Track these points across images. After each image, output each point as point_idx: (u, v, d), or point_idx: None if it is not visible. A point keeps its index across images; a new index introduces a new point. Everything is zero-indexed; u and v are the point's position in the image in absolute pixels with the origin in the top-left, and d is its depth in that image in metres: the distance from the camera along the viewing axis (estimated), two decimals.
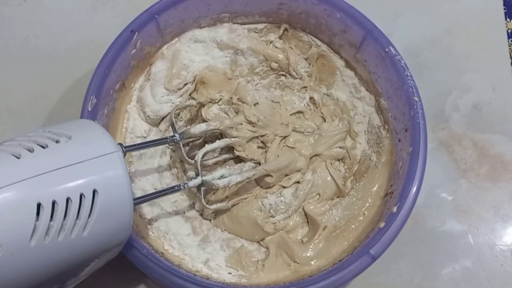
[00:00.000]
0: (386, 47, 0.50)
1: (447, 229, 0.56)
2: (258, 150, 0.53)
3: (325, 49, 0.56)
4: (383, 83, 0.52)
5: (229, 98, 0.53)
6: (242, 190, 0.52)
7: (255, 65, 0.56)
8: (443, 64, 0.64)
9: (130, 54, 0.50)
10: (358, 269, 0.43)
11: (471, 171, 0.59)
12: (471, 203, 0.58)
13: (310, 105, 0.57)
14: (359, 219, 0.51)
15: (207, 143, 0.51)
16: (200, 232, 0.51)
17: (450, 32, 0.66)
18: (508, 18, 0.69)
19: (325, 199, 0.53)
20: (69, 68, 0.59)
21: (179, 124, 0.55)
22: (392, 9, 0.67)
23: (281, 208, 0.52)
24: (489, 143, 0.60)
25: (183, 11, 0.52)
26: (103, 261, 0.37)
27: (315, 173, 0.53)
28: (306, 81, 0.57)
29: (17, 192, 0.31)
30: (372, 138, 0.55)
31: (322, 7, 0.52)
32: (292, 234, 0.52)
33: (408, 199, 0.45)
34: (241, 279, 0.48)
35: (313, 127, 0.55)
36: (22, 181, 0.31)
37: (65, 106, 0.58)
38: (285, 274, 0.49)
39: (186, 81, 0.55)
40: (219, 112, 0.53)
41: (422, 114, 0.48)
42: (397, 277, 0.54)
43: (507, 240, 0.56)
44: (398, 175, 0.49)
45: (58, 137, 0.35)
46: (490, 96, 0.63)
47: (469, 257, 0.55)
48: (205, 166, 0.52)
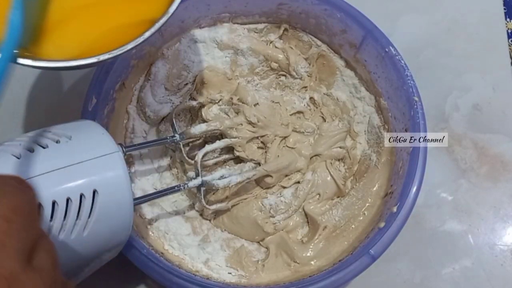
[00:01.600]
0: (386, 47, 0.50)
1: (447, 229, 0.56)
2: (258, 150, 0.53)
3: (325, 49, 0.56)
4: (383, 83, 0.52)
5: (229, 99, 0.53)
6: (242, 190, 0.52)
7: (255, 65, 0.56)
8: (443, 64, 0.64)
9: (130, 54, 0.50)
10: (358, 269, 0.43)
11: (471, 171, 0.59)
12: (471, 203, 0.58)
13: (310, 105, 0.57)
14: (359, 219, 0.51)
15: (207, 143, 0.51)
16: (200, 232, 0.51)
17: (450, 32, 0.66)
18: (508, 18, 0.69)
19: (325, 199, 0.53)
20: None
21: (179, 124, 0.55)
22: (392, 9, 0.67)
23: (281, 208, 0.52)
24: (489, 143, 0.60)
25: (183, 11, 0.52)
26: (103, 261, 0.37)
27: (315, 173, 0.53)
28: (306, 81, 0.57)
29: None
30: (372, 138, 0.55)
31: (322, 7, 0.52)
32: (292, 234, 0.52)
33: (408, 199, 0.45)
34: (241, 279, 0.48)
35: (313, 127, 0.55)
36: None
37: (65, 106, 0.58)
38: (285, 274, 0.49)
39: (186, 81, 0.55)
40: (219, 112, 0.53)
41: (422, 114, 0.48)
42: (397, 277, 0.54)
43: (507, 240, 0.56)
44: (398, 175, 0.49)
45: (58, 137, 0.35)
46: (490, 96, 0.63)
47: (469, 257, 0.55)
48: (205, 166, 0.52)
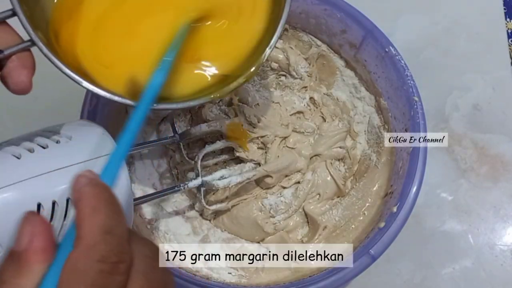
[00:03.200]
0: (386, 47, 0.50)
1: (447, 229, 0.56)
2: (258, 151, 0.53)
3: (325, 49, 0.56)
4: (383, 83, 0.52)
5: (230, 99, 0.53)
6: (242, 190, 0.52)
7: None
8: (443, 64, 0.64)
9: None
10: (358, 269, 0.43)
11: (471, 171, 0.59)
12: (471, 203, 0.58)
13: (310, 105, 0.57)
14: (359, 219, 0.51)
15: (207, 143, 0.51)
16: (200, 232, 0.51)
17: (450, 32, 0.66)
18: (508, 18, 0.69)
19: (325, 199, 0.53)
20: None
21: (179, 124, 0.55)
22: (392, 9, 0.67)
23: (281, 208, 0.52)
24: (489, 143, 0.60)
25: None
26: None
27: (315, 173, 0.53)
28: (306, 81, 0.57)
29: (17, 192, 0.31)
30: (372, 138, 0.55)
31: (322, 7, 0.52)
32: (292, 234, 0.52)
33: (408, 199, 0.45)
34: (241, 279, 0.48)
35: (313, 127, 0.55)
36: (22, 181, 0.31)
37: (65, 106, 0.58)
38: (285, 274, 0.49)
39: None
40: (219, 112, 0.53)
41: (422, 114, 0.48)
42: (397, 277, 0.54)
43: (507, 240, 0.56)
44: (398, 175, 0.49)
45: (59, 137, 0.35)
46: (490, 96, 0.63)
47: (469, 257, 0.55)
48: (205, 166, 0.52)
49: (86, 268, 0.22)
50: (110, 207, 0.24)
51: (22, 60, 0.31)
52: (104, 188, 0.25)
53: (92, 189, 0.25)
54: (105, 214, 0.24)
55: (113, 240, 0.23)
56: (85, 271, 0.22)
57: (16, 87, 0.31)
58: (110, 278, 0.22)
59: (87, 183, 0.25)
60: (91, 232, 0.23)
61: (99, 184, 0.26)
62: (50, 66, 0.32)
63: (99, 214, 0.24)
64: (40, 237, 0.23)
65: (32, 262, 0.23)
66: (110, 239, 0.23)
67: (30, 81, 0.31)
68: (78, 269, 0.22)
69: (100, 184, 0.26)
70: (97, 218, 0.23)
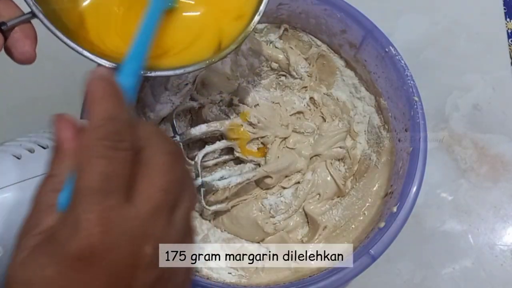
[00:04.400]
0: (386, 47, 0.50)
1: (447, 229, 0.56)
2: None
3: (325, 49, 0.56)
4: (383, 83, 0.52)
5: (230, 99, 0.53)
6: (242, 191, 0.52)
7: (256, 66, 0.56)
8: (443, 64, 0.64)
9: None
10: (358, 269, 0.42)
11: (471, 171, 0.59)
12: (471, 203, 0.58)
13: (310, 105, 0.57)
14: (359, 219, 0.51)
15: (207, 144, 0.51)
16: (200, 232, 0.51)
17: (450, 32, 0.66)
18: (508, 18, 0.69)
19: (325, 199, 0.53)
20: (69, 68, 0.59)
21: (179, 124, 0.55)
22: (392, 9, 0.67)
23: (281, 208, 0.52)
24: (489, 143, 0.60)
25: None
26: None
27: (315, 173, 0.53)
28: (306, 81, 0.57)
29: (17, 192, 0.31)
30: (372, 138, 0.55)
31: (322, 7, 0.52)
32: (292, 234, 0.52)
33: (408, 199, 0.45)
34: (241, 279, 0.48)
35: (313, 127, 0.55)
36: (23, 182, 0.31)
37: (65, 106, 0.58)
38: (285, 274, 0.49)
39: (186, 82, 0.55)
40: (220, 113, 0.53)
41: (422, 114, 0.48)
42: (397, 277, 0.54)
43: (507, 240, 0.56)
44: (398, 175, 0.49)
45: None
46: (490, 96, 0.63)
47: (469, 257, 0.55)
48: (205, 167, 0.52)
49: (91, 143, 0.25)
50: (115, 99, 0.28)
51: (24, 32, 0.33)
52: (112, 83, 0.28)
53: (101, 82, 0.28)
54: (112, 103, 0.27)
55: (117, 123, 0.26)
56: (90, 146, 0.25)
57: (22, 56, 0.33)
58: (114, 153, 0.25)
59: (98, 77, 0.28)
60: (98, 115, 0.26)
61: (108, 79, 0.28)
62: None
63: (106, 103, 0.27)
64: (69, 129, 0.28)
65: (66, 149, 0.27)
66: (114, 122, 0.26)
67: (34, 51, 0.33)
68: (85, 145, 0.25)
69: (109, 80, 0.28)
70: (104, 105, 0.27)
